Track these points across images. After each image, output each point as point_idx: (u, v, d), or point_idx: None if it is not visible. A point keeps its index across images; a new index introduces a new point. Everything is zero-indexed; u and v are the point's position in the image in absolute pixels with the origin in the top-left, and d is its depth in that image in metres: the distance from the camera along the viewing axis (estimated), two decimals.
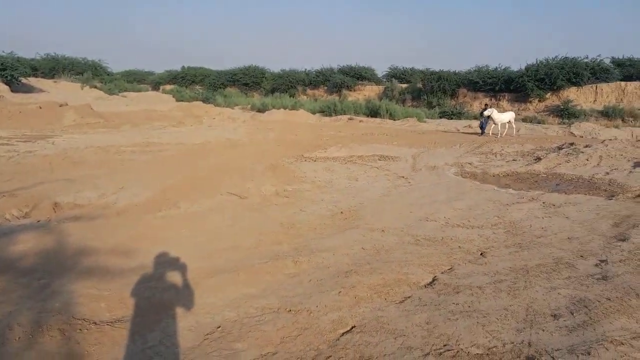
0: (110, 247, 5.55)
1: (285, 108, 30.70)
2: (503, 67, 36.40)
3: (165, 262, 5.14)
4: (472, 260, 5.24)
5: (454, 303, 4.04)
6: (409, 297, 4.22)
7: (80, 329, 3.58)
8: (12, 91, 30.25)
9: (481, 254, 5.48)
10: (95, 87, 41.25)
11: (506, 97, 33.85)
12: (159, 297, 4.22)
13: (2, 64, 31.27)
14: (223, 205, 7.77)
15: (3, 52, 35.03)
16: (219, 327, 3.70)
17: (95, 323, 3.70)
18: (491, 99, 34.53)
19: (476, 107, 34.55)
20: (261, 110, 32.48)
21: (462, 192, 8.88)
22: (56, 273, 4.67)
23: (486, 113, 19.69)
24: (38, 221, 6.55)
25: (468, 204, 7.94)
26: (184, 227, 6.46)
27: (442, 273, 4.84)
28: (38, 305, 3.89)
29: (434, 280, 4.64)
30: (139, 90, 45.74)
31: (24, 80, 33.85)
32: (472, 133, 22.05)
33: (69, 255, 5.22)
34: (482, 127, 20.66)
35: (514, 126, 21.30)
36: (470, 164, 12.51)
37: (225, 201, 8.00)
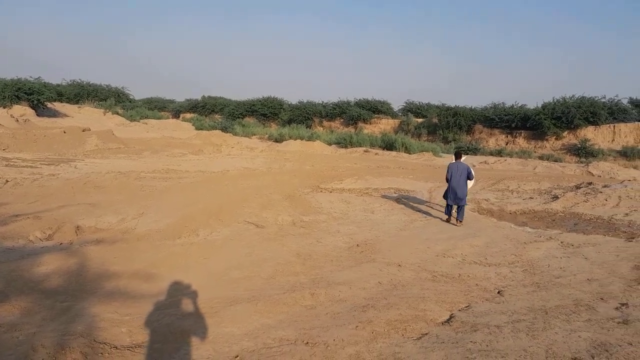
0: (131, 272, 5.65)
1: (301, 139, 31.16)
2: (519, 105, 36.60)
3: (185, 289, 5.22)
4: (490, 299, 5.21)
5: (471, 342, 4.01)
6: (426, 333, 4.21)
7: (101, 353, 3.64)
8: (37, 115, 31.20)
9: (498, 292, 5.44)
10: (118, 113, 42.28)
11: (522, 135, 33.86)
12: (178, 324, 4.28)
13: (29, 88, 32.34)
14: (241, 233, 7.87)
15: (31, 77, 36.18)
16: (237, 356, 3.73)
17: (116, 347, 3.76)
18: (507, 136, 34.54)
19: (492, 143, 34.55)
20: (278, 140, 32.98)
21: (479, 229, 8.85)
22: (79, 296, 4.78)
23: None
24: (60, 244, 6.72)
25: (485, 241, 7.91)
26: (203, 255, 6.56)
27: (459, 310, 4.82)
28: (61, 327, 3.98)
29: (451, 317, 4.62)
30: (160, 118, 46.78)
31: (49, 104, 34.86)
32: (487, 170, 21.97)
33: (90, 279, 5.34)
34: (458, 203, 9.39)
35: None
36: (486, 200, 12.47)
37: (243, 230, 8.10)
